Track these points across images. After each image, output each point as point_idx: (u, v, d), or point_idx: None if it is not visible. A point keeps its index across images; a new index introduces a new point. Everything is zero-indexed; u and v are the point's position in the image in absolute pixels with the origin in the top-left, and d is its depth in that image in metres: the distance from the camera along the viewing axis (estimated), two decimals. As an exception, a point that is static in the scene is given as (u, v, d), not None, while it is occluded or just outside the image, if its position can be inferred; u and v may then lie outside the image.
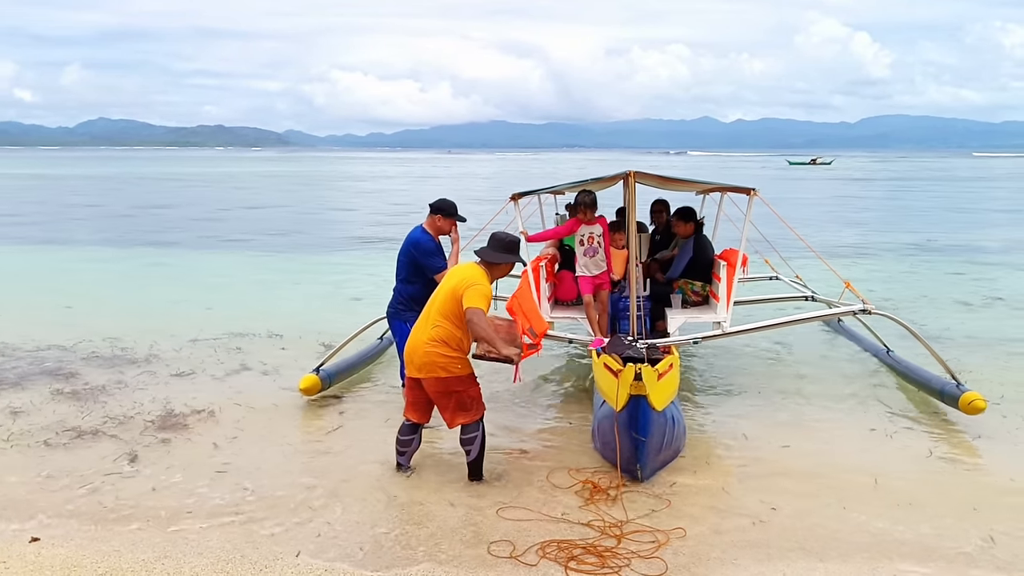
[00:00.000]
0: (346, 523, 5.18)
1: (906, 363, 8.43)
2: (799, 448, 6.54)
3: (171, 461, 6.26)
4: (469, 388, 5.70)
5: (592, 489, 5.61)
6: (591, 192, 7.62)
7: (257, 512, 5.35)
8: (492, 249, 5.83)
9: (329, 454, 6.48)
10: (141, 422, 7.15)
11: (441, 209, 7.11)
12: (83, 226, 27.57)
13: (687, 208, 8.56)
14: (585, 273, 7.67)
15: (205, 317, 11.93)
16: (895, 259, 19.03)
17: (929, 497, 5.54)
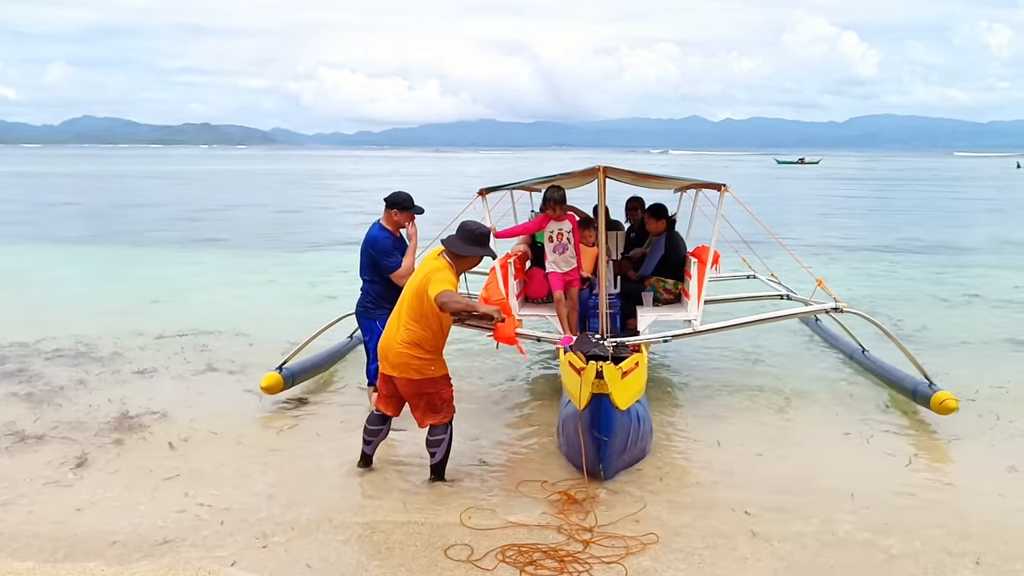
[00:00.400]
0: (296, 532, 4.97)
1: (880, 363, 8.33)
2: (772, 455, 6.34)
3: (119, 465, 6.05)
4: (442, 390, 5.54)
5: (565, 500, 5.38)
6: (560, 188, 7.47)
7: (196, 531, 4.98)
8: (460, 240, 5.57)
9: (283, 457, 6.27)
10: (95, 424, 6.94)
11: (396, 203, 6.92)
12: (58, 224, 27.20)
13: (658, 205, 8.43)
14: (555, 270, 7.53)
15: (174, 315, 11.69)
16: (876, 257, 18.99)
17: (906, 514, 5.25)
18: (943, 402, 6.74)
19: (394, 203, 6.92)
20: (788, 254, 8.32)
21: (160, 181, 60.83)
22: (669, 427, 6.99)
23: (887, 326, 10.99)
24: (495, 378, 8.46)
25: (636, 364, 6.10)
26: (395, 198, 6.94)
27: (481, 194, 7.60)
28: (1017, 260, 18.58)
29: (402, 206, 6.91)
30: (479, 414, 7.28)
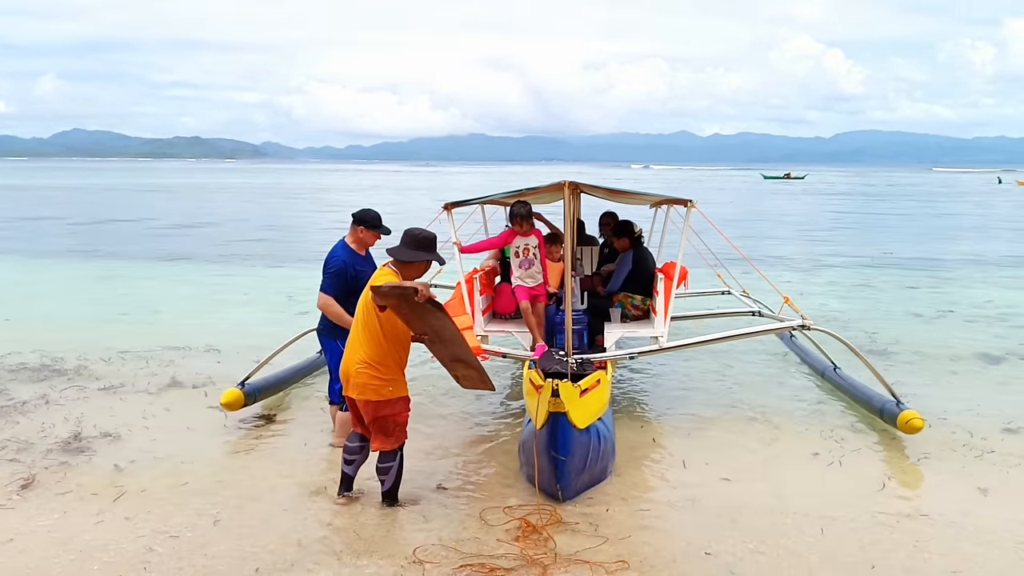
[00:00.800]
0: (232, 559, 4.82)
1: (851, 381, 8.27)
2: (739, 480, 6.15)
3: (65, 487, 5.89)
4: (398, 413, 5.38)
5: (524, 527, 5.20)
6: (526, 203, 7.42)
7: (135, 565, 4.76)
8: (404, 246, 5.43)
9: (236, 480, 6.12)
10: (47, 444, 6.78)
11: (363, 220, 6.66)
12: (37, 238, 26.98)
13: (623, 222, 8.38)
14: (522, 283, 7.47)
15: (145, 330, 11.60)
16: (855, 272, 19.02)
17: (876, 545, 5.08)
18: (909, 421, 6.68)
19: (361, 220, 6.65)
20: (757, 271, 8.25)
21: (146, 195, 60.53)
22: (635, 446, 6.89)
23: (861, 341, 11.06)
24: (459, 395, 8.22)
25: (597, 382, 6.02)
26: (363, 215, 6.68)
27: (447, 209, 7.53)
28: (993, 275, 18.67)
29: (369, 224, 6.65)
30: (442, 433, 7.17)
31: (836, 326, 12.14)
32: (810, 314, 12.85)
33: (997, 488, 6.02)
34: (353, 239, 6.71)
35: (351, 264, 6.61)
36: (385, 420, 5.34)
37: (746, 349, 10.32)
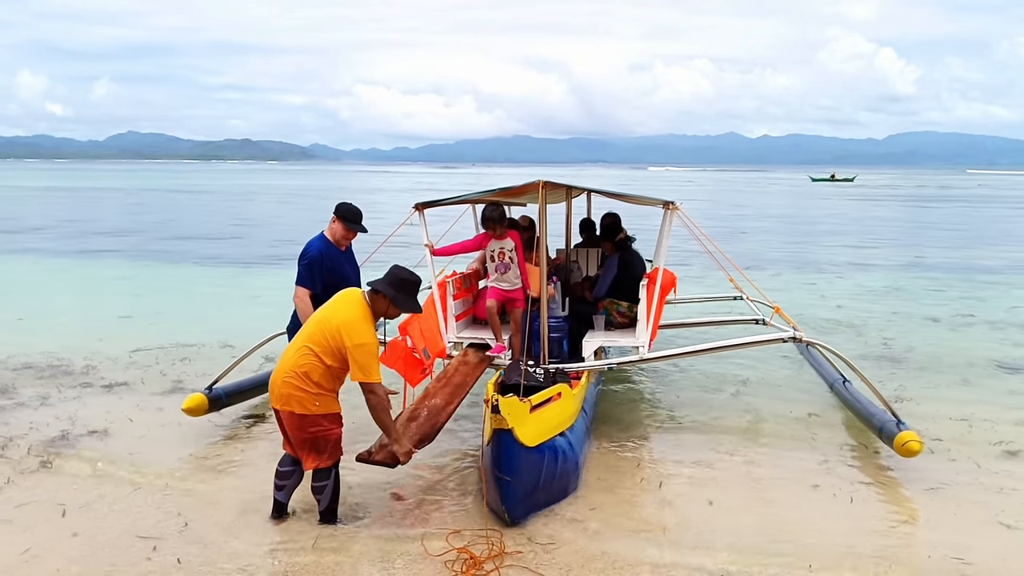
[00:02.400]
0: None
1: (856, 395, 7.69)
2: (725, 506, 5.63)
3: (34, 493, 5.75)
4: (328, 430, 5.00)
5: (467, 561, 4.77)
6: (498, 207, 7.03)
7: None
8: (387, 282, 5.11)
9: (190, 493, 5.85)
10: (29, 443, 6.76)
11: (337, 211, 6.47)
12: (73, 237, 27.35)
13: (608, 224, 7.93)
14: (496, 285, 7.09)
15: (164, 329, 11.60)
16: (885, 276, 18.26)
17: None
18: (906, 444, 6.11)
19: (340, 215, 6.47)
20: (744, 278, 7.75)
21: (191, 196, 61.35)
22: (611, 462, 6.46)
23: (875, 346, 10.50)
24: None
25: (557, 395, 5.61)
26: (341, 207, 6.50)
27: (418, 209, 7.16)
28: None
29: (346, 219, 6.44)
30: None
31: (852, 331, 11.65)
32: (826, 318, 12.53)
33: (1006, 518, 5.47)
34: (331, 232, 6.54)
35: (326, 255, 6.41)
36: (315, 437, 4.98)
37: (757, 355, 9.80)
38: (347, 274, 6.53)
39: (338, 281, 6.36)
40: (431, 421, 5.59)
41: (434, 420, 5.60)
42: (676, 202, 6.70)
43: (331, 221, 6.53)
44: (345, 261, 6.61)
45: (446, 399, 5.91)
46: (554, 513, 5.42)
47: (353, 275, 6.62)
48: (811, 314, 12.94)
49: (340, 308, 5.04)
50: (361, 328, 4.89)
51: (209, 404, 7.21)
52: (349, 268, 6.63)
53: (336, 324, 4.89)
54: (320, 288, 6.33)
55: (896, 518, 5.51)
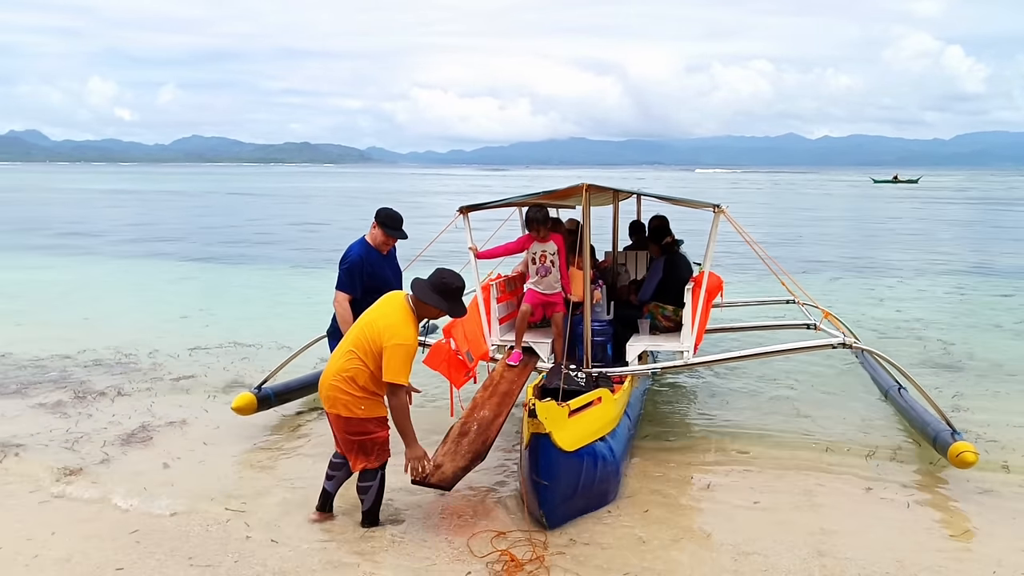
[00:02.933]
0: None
1: (911, 403, 7.48)
2: (772, 513, 5.52)
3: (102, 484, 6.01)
4: (374, 433, 5.06)
5: (508, 562, 4.78)
6: (542, 208, 7.00)
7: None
8: (430, 285, 5.16)
9: (223, 485, 6.01)
10: (108, 435, 7.14)
11: (377, 217, 6.53)
12: (135, 240, 28.17)
13: (656, 226, 7.85)
14: (535, 288, 7.07)
15: (216, 329, 11.96)
16: (948, 280, 17.73)
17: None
18: (960, 454, 5.91)
19: (381, 221, 6.52)
20: (791, 282, 7.60)
21: (254, 198, 62.67)
22: (656, 467, 6.38)
23: (934, 351, 10.19)
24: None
25: (598, 399, 5.57)
26: (381, 213, 6.56)
27: (462, 212, 7.18)
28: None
29: (385, 224, 6.49)
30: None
31: (912, 336, 11.36)
32: (885, 323, 12.20)
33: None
34: (371, 236, 6.59)
35: (366, 260, 6.45)
36: (362, 440, 5.04)
37: (811, 359, 9.60)
38: (388, 278, 6.54)
39: (379, 286, 6.39)
40: (481, 437, 5.52)
41: (484, 435, 5.54)
42: (723, 205, 6.59)
43: (372, 226, 6.58)
44: (386, 265, 6.63)
45: (494, 411, 5.85)
46: (596, 518, 5.37)
47: (394, 279, 6.64)
48: (869, 319, 12.65)
49: (385, 311, 5.10)
50: (403, 330, 4.94)
51: (258, 403, 7.35)
52: (390, 272, 6.65)
53: (380, 327, 4.96)
54: (360, 292, 6.37)
55: (949, 532, 5.33)
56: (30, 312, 13.58)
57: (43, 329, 11.90)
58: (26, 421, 7.52)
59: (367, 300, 6.28)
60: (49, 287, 16.61)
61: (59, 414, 7.75)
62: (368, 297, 6.31)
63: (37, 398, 8.29)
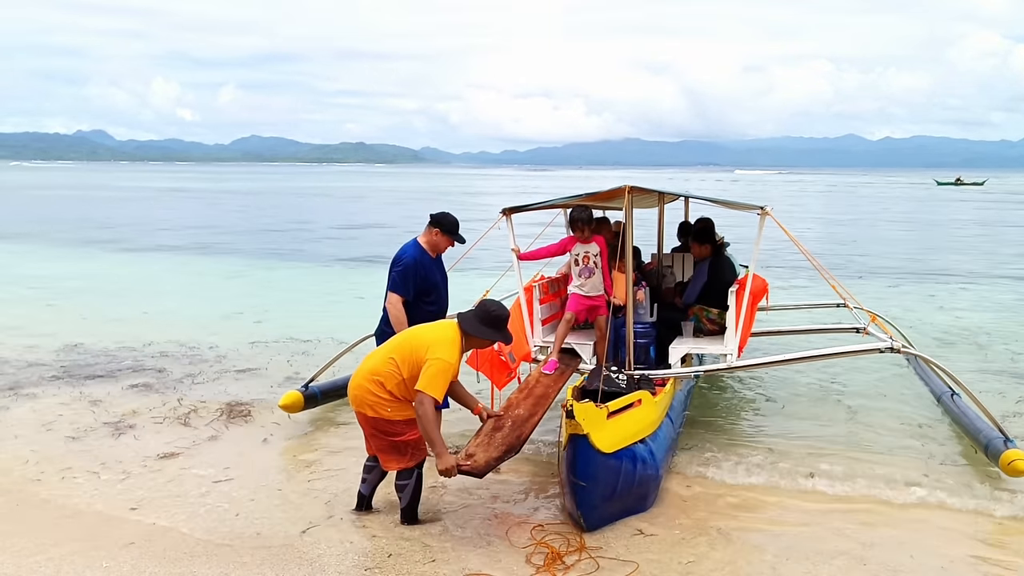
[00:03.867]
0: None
1: (964, 410, 7.29)
2: (816, 519, 5.48)
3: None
4: (403, 433, 5.12)
5: (548, 554, 4.83)
6: (587, 208, 6.98)
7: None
8: (475, 317, 5.23)
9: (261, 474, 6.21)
10: (206, 414, 7.78)
11: (440, 223, 6.45)
12: (194, 237, 28.89)
13: (702, 227, 7.77)
14: (578, 292, 7.06)
15: (273, 324, 12.35)
16: (1013, 286, 17.15)
17: None
18: (1012, 463, 5.77)
19: (438, 222, 6.46)
20: (838, 285, 7.48)
21: (309, 197, 63.83)
22: (699, 470, 6.37)
23: (999, 360, 9.92)
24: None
25: (638, 402, 5.57)
26: (440, 217, 6.50)
27: (505, 214, 7.20)
28: None
29: (445, 228, 6.45)
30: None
31: (973, 344, 11.08)
32: (945, 330, 11.92)
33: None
34: (426, 240, 6.52)
35: (420, 263, 6.41)
36: (393, 440, 5.12)
37: (863, 364, 9.43)
38: (437, 281, 6.54)
39: (429, 289, 6.44)
40: (516, 432, 5.49)
41: (519, 431, 5.50)
42: (768, 207, 6.51)
43: (429, 231, 6.50)
44: (436, 269, 6.65)
45: (529, 410, 5.80)
46: (635, 518, 5.37)
47: (443, 283, 6.64)
48: (928, 325, 12.37)
49: (437, 328, 5.21)
50: (448, 348, 4.99)
51: (305, 401, 7.48)
52: (439, 276, 6.67)
53: (428, 340, 5.03)
54: (412, 295, 6.38)
55: (1001, 545, 5.18)
56: (93, 306, 14.06)
57: (107, 323, 12.36)
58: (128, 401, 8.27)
59: (418, 303, 6.38)
60: (109, 283, 17.26)
61: (152, 395, 8.46)
62: (419, 300, 6.40)
63: (128, 381, 9.02)
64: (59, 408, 7.92)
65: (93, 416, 7.66)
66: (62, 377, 9.12)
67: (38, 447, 6.80)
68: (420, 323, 6.18)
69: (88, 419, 7.58)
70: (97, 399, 8.25)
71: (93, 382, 8.94)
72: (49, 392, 8.50)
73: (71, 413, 7.77)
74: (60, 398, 8.28)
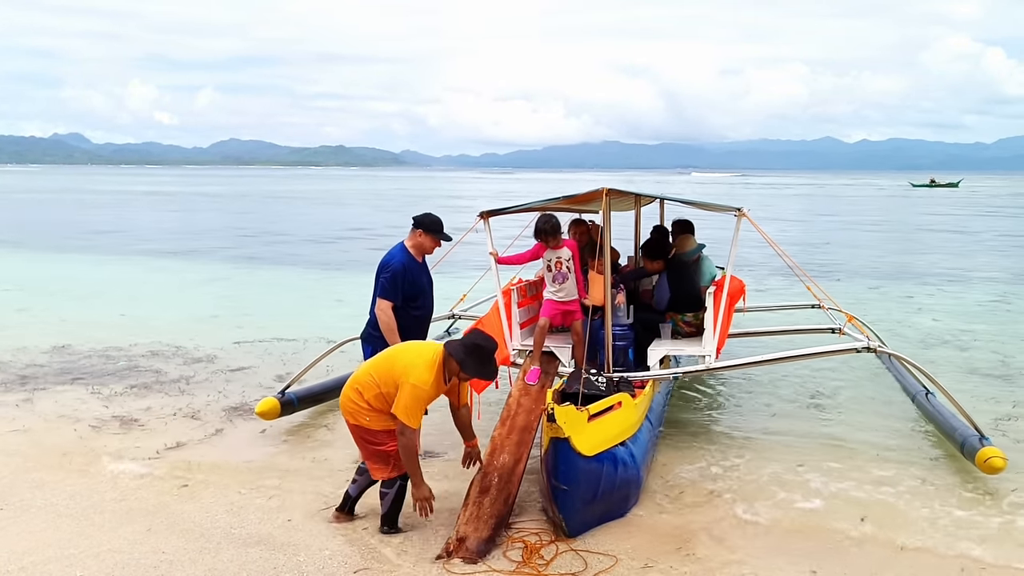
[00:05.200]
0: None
1: (939, 408, 7.38)
2: (793, 520, 5.52)
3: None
4: (385, 443, 5.09)
5: (525, 549, 4.89)
6: (551, 218, 6.92)
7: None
8: (463, 346, 5.07)
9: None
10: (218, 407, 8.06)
11: (422, 224, 6.43)
12: (172, 240, 28.66)
13: (653, 240, 7.68)
14: (552, 297, 7.05)
15: (255, 327, 12.33)
16: (991, 288, 17.35)
17: None
18: (988, 460, 5.85)
19: (421, 223, 6.43)
20: (814, 285, 7.54)
21: (288, 201, 63.44)
22: (679, 471, 6.39)
23: (980, 361, 10.13)
24: (493, 409, 7.64)
25: (618, 404, 5.57)
26: (423, 219, 6.48)
27: (483, 217, 7.20)
28: None
29: (428, 228, 6.41)
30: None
31: (952, 345, 11.23)
32: (924, 331, 12.04)
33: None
34: (412, 243, 6.48)
35: (408, 268, 6.38)
36: (376, 448, 5.12)
37: (840, 364, 9.54)
38: (424, 286, 6.53)
39: (416, 294, 6.40)
40: (503, 495, 5.31)
41: (506, 492, 5.34)
42: (744, 208, 6.56)
43: (413, 233, 6.46)
44: (422, 273, 6.61)
45: (514, 454, 5.64)
46: (609, 528, 5.33)
47: (429, 287, 6.61)
48: (906, 327, 12.53)
49: (416, 349, 5.16)
50: (423, 373, 4.90)
51: (281, 408, 7.41)
52: (426, 280, 6.63)
53: (404, 362, 5.00)
54: (400, 300, 6.34)
55: (982, 545, 5.20)
56: (70, 309, 13.99)
57: (84, 327, 12.23)
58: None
59: (405, 308, 6.35)
60: (86, 285, 17.16)
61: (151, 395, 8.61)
62: (406, 304, 6.37)
63: (126, 382, 9.15)
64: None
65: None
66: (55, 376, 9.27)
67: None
68: (406, 327, 6.19)
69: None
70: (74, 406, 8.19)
71: (68, 386, 8.88)
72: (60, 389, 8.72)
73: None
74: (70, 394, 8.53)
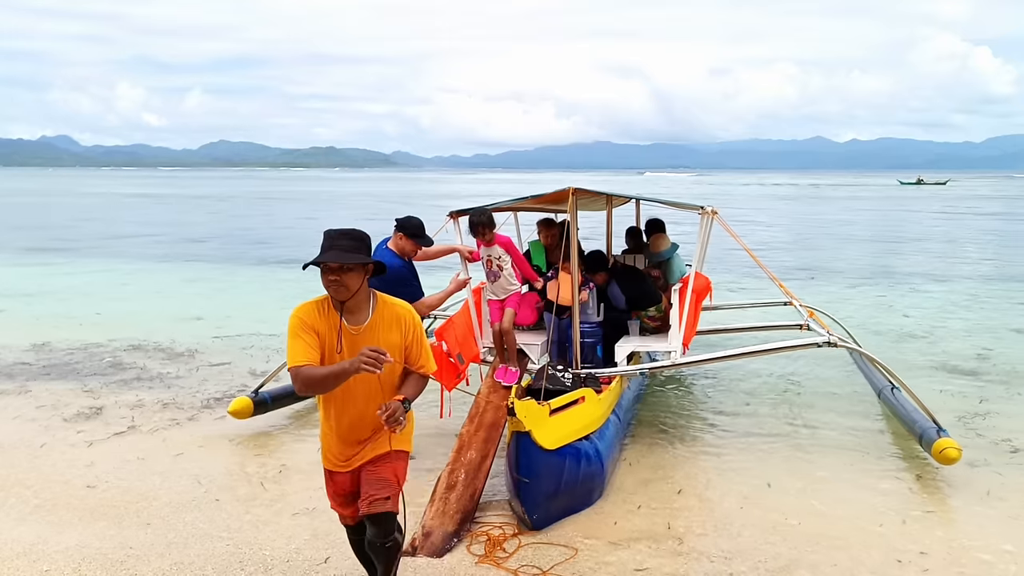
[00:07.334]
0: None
1: (901, 402, 7.52)
2: (759, 513, 5.58)
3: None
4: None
5: (487, 542, 4.99)
6: (483, 212, 6.93)
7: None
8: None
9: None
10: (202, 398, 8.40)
11: (404, 228, 6.48)
12: (158, 243, 28.67)
13: (594, 253, 7.69)
14: (492, 298, 7.12)
15: (239, 324, 12.54)
16: (966, 286, 17.52)
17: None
18: (943, 451, 5.99)
19: (403, 227, 6.49)
20: (777, 283, 7.68)
21: (277, 203, 63.37)
22: (648, 465, 6.50)
23: (952, 357, 10.35)
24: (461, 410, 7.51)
25: (581, 399, 5.69)
26: (405, 222, 6.51)
27: (452, 217, 7.29)
28: None
29: (410, 232, 6.47)
30: (436, 445, 6.84)
31: (924, 341, 11.41)
32: (891, 327, 12.18)
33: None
34: (395, 245, 6.56)
35: (396, 267, 6.40)
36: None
37: (810, 360, 9.73)
38: (415, 286, 6.62)
39: (403, 293, 6.49)
40: (469, 491, 5.39)
41: (472, 488, 5.42)
42: (708, 207, 6.68)
43: (396, 236, 6.54)
44: (408, 271, 6.67)
45: (481, 451, 5.72)
46: (575, 519, 5.43)
47: (416, 281, 6.67)
48: (877, 323, 12.69)
49: None
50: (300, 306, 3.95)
51: (255, 407, 7.49)
52: (412, 277, 6.71)
53: None
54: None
55: (944, 535, 5.31)
56: (47, 308, 14.20)
57: (63, 326, 12.35)
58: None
59: None
60: (64, 287, 17.22)
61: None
62: None
63: (115, 377, 9.39)
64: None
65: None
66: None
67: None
68: None
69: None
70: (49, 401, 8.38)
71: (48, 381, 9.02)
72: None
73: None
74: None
